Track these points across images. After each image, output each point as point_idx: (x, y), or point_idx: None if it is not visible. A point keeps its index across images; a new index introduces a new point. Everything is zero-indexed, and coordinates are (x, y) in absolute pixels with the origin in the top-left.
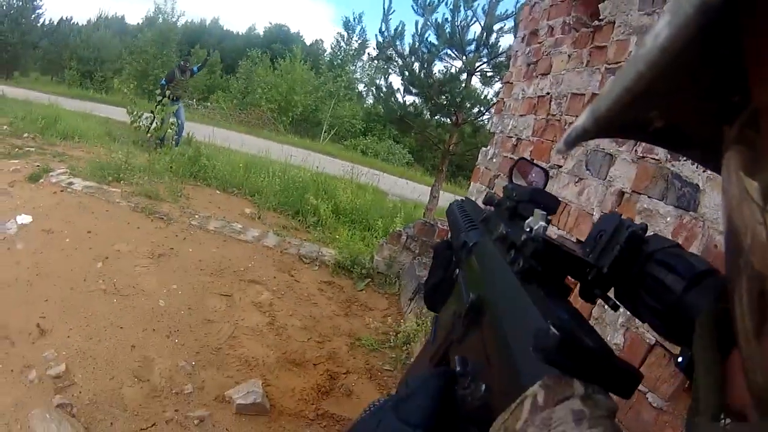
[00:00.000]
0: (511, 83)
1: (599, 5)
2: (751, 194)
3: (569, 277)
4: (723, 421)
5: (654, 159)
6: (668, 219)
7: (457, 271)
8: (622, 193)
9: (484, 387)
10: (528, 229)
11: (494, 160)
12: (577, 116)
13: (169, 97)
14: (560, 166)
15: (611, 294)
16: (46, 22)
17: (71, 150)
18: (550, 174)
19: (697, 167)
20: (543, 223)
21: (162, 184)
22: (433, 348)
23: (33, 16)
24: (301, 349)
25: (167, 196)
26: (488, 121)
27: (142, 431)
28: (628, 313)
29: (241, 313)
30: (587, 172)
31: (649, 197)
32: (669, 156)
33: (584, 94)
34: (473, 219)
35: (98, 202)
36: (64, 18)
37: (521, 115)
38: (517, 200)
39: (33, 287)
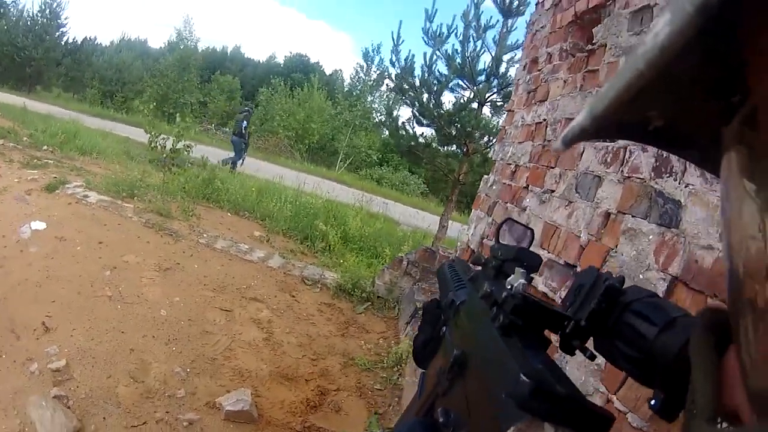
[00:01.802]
0: (513, 111)
1: (593, 29)
2: (750, 196)
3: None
4: (720, 425)
5: (639, 178)
6: (650, 237)
7: (444, 328)
8: (608, 214)
9: None
10: (509, 287)
11: (494, 187)
12: None
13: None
14: (553, 191)
15: (590, 345)
16: (70, 41)
17: (89, 165)
18: (543, 199)
19: (679, 183)
20: (523, 281)
21: (175, 203)
22: (419, 402)
23: (57, 33)
24: (294, 364)
25: (179, 215)
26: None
27: (133, 428)
28: None
29: (239, 327)
30: (576, 195)
31: (633, 216)
32: (653, 173)
33: None
34: (462, 278)
35: (111, 216)
36: (88, 38)
37: (520, 143)
38: (502, 259)
39: (42, 288)
